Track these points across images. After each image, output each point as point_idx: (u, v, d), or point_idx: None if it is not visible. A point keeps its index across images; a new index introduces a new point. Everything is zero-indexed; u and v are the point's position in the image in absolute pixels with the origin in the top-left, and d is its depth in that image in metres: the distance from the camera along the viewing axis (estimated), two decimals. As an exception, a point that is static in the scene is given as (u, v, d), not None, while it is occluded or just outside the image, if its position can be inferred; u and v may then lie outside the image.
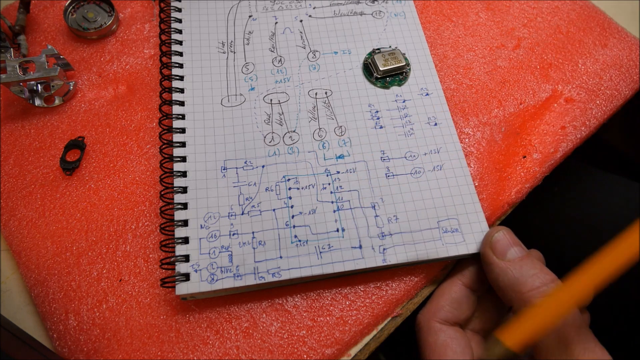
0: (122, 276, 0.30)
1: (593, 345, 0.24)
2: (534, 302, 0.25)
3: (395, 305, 0.30)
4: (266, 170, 0.32)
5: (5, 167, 0.33)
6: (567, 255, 0.40)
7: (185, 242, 0.29)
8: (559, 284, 0.25)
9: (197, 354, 0.28)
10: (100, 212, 0.32)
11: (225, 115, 0.34)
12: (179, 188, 0.31)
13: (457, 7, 0.41)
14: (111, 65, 0.37)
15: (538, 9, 0.41)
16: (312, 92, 0.36)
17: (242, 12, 0.39)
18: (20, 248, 0.31)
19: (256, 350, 0.28)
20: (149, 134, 0.35)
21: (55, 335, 0.29)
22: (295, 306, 0.29)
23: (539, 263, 0.26)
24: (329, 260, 0.29)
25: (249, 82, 0.36)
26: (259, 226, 0.30)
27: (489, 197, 0.33)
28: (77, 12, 0.39)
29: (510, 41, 0.40)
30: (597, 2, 0.42)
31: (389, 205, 0.31)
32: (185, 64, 0.36)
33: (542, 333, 0.23)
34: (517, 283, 0.26)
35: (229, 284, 0.28)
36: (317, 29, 0.39)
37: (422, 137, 0.34)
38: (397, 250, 0.30)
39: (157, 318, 0.29)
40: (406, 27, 0.39)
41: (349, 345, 0.29)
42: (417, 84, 0.36)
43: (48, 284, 0.30)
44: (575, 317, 0.24)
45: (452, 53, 0.39)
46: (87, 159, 0.34)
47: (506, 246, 0.27)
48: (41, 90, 0.36)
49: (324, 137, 0.34)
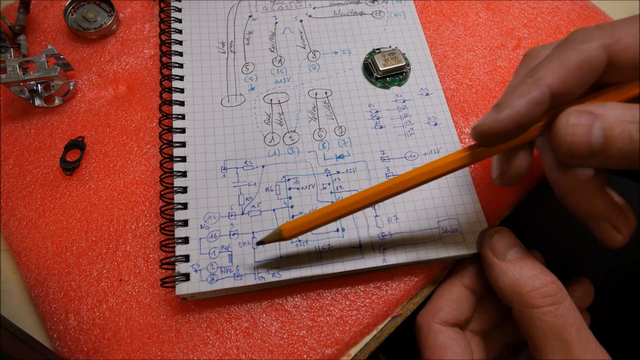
0: (122, 276, 0.30)
1: (593, 346, 0.24)
2: (535, 303, 0.25)
3: (395, 305, 0.30)
4: (266, 170, 0.32)
5: (5, 167, 0.33)
6: (567, 255, 0.40)
7: (185, 242, 0.29)
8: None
9: (197, 354, 0.28)
10: (100, 212, 0.32)
11: (225, 115, 0.34)
12: (179, 188, 0.31)
13: (457, 7, 0.41)
14: (111, 65, 0.37)
15: (538, 9, 0.41)
16: (312, 92, 0.36)
17: (242, 12, 0.39)
18: (20, 248, 0.31)
19: (256, 350, 0.28)
20: (149, 134, 0.35)
21: (55, 335, 0.29)
22: (295, 306, 0.29)
23: (539, 264, 0.26)
24: (329, 260, 0.29)
25: (249, 82, 0.36)
26: (259, 226, 0.30)
27: (489, 197, 0.33)
28: (77, 12, 0.39)
29: (510, 41, 0.40)
30: (597, 2, 0.42)
31: (388, 205, 0.31)
32: (185, 64, 0.36)
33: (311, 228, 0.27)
34: (517, 284, 0.26)
35: (229, 284, 0.28)
36: (317, 29, 0.39)
37: (422, 137, 0.34)
38: (397, 250, 0.30)
39: (157, 318, 0.29)
40: (406, 27, 0.39)
41: (349, 345, 0.29)
42: (417, 84, 0.36)
43: (48, 284, 0.30)
44: (575, 318, 0.24)
45: (452, 53, 0.39)
46: (87, 159, 0.34)
47: (506, 247, 0.27)
48: (41, 90, 0.36)
49: (324, 137, 0.34)
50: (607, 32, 0.23)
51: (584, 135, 0.22)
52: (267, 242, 0.27)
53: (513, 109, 0.22)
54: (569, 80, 0.22)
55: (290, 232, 0.26)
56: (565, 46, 0.23)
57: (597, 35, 0.23)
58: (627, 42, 0.23)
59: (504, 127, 0.22)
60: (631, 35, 0.23)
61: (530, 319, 0.25)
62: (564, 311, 0.24)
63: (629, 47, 0.22)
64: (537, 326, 0.24)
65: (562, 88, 0.22)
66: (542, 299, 0.25)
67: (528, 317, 0.25)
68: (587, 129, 0.22)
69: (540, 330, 0.24)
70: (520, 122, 0.22)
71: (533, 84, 0.22)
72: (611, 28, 0.23)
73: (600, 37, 0.23)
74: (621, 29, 0.23)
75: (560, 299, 0.25)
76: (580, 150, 0.22)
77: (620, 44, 0.23)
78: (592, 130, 0.22)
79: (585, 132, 0.22)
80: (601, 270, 0.39)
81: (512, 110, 0.22)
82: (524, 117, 0.22)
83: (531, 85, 0.22)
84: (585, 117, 0.22)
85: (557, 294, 0.25)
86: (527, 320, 0.25)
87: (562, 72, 0.22)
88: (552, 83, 0.22)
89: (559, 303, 0.24)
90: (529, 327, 0.25)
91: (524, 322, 0.25)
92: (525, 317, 0.25)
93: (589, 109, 0.22)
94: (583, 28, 0.24)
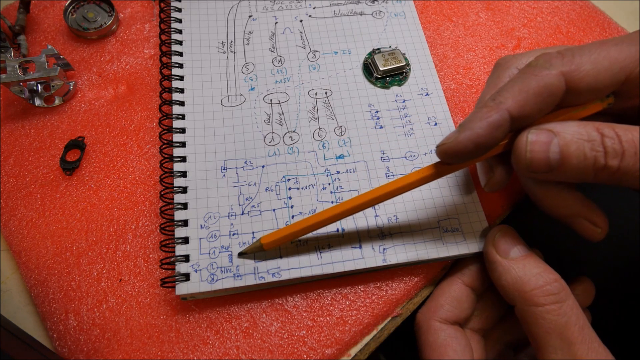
0: (122, 276, 0.30)
1: (596, 345, 0.24)
2: (538, 302, 0.25)
3: (395, 305, 0.30)
4: (266, 170, 0.32)
5: (5, 167, 0.33)
6: (567, 255, 0.40)
7: (185, 242, 0.29)
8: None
9: (197, 354, 0.28)
10: (100, 212, 0.32)
11: (225, 115, 0.34)
12: (179, 188, 0.31)
13: (457, 7, 0.41)
14: (111, 65, 0.37)
15: (538, 9, 0.41)
16: (312, 92, 0.36)
17: (242, 12, 0.39)
18: (20, 248, 0.31)
19: (256, 350, 0.28)
20: (149, 134, 0.35)
21: (55, 335, 0.29)
22: (295, 306, 0.29)
23: (543, 262, 0.26)
24: (329, 260, 0.29)
25: (249, 82, 0.36)
26: (259, 226, 0.30)
27: (489, 197, 0.33)
28: (77, 12, 0.39)
29: (510, 41, 0.40)
30: (597, 2, 0.42)
31: (389, 205, 0.31)
32: (185, 64, 0.36)
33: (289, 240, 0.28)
34: (520, 282, 0.25)
35: (229, 284, 0.28)
36: (317, 29, 0.39)
37: (422, 137, 0.34)
38: (397, 250, 0.30)
39: (157, 318, 0.29)
40: (406, 27, 0.39)
41: (349, 345, 0.29)
42: (417, 84, 0.36)
43: (48, 284, 0.30)
44: (578, 317, 0.24)
45: (452, 53, 0.39)
46: (87, 159, 0.34)
47: (509, 245, 0.27)
48: (41, 90, 0.36)
49: (324, 137, 0.34)
50: (567, 59, 0.24)
51: (542, 152, 0.23)
52: (248, 252, 0.29)
53: (473, 130, 0.24)
54: (528, 105, 0.24)
55: (269, 246, 0.28)
56: (527, 71, 0.24)
57: (557, 62, 0.24)
58: (586, 70, 0.24)
59: (464, 147, 0.24)
60: (590, 62, 0.24)
61: (533, 317, 0.25)
62: (567, 310, 0.24)
63: (588, 73, 0.24)
64: (539, 324, 0.24)
65: (521, 112, 0.24)
66: (545, 297, 0.25)
67: (531, 315, 0.25)
68: (545, 146, 0.23)
69: (543, 329, 0.24)
70: (479, 144, 0.24)
71: (494, 107, 0.24)
72: (571, 55, 0.24)
73: (560, 64, 0.24)
74: (581, 56, 0.24)
75: (564, 297, 0.25)
76: (538, 166, 0.23)
77: (579, 72, 0.24)
78: (550, 148, 0.23)
79: (544, 149, 0.23)
80: (601, 269, 0.39)
81: (472, 132, 0.24)
82: (482, 139, 0.24)
83: (492, 108, 0.24)
84: (544, 135, 0.23)
85: (560, 292, 0.25)
86: (530, 319, 0.25)
87: (522, 97, 0.23)
88: (512, 107, 0.23)
89: (562, 301, 0.24)
90: (532, 326, 0.25)
91: (526, 321, 0.25)
92: (528, 316, 0.25)
93: (548, 127, 0.24)
94: (546, 53, 0.25)
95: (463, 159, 0.25)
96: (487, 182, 0.29)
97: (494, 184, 0.28)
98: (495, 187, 0.29)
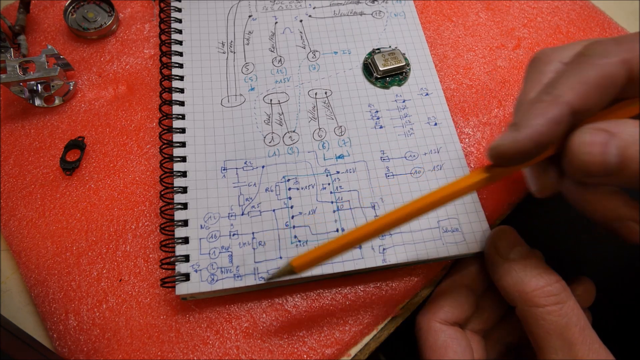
0: (122, 276, 0.30)
1: (597, 346, 0.24)
2: (538, 302, 0.25)
3: (395, 305, 0.30)
4: (266, 171, 0.32)
5: (5, 167, 0.33)
6: (568, 255, 0.40)
7: (185, 242, 0.29)
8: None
9: (197, 354, 0.28)
10: (100, 212, 0.32)
11: (225, 115, 0.34)
12: (179, 188, 0.31)
13: (457, 7, 0.41)
14: (111, 65, 0.37)
15: (538, 9, 0.41)
16: (312, 92, 0.36)
17: (242, 12, 0.39)
18: (20, 248, 0.31)
19: (256, 350, 0.28)
20: (149, 134, 0.35)
21: (55, 335, 0.29)
22: (295, 306, 0.29)
23: (543, 263, 0.26)
24: (329, 260, 0.29)
25: (249, 82, 0.36)
26: (259, 226, 0.30)
27: (489, 197, 0.33)
28: (77, 12, 0.39)
29: (510, 41, 0.40)
30: (597, 2, 0.42)
31: (388, 205, 0.31)
32: (185, 64, 0.36)
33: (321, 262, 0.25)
34: (520, 282, 0.25)
35: (229, 284, 0.28)
36: (317, 29, 0.39)
37: (422, 137, 0.34)
38: (397, 250, 0.30)
39: (157, 318, 0.29)
40: (406, 27, 0.39)
41: (349, 345, 0.29)
42: (417, 84, 0.36)
43: (48, 284, 0.30)
44: (579, 317, 0.24)
45: (452, 53, 0.39)
46: (87, 159, 0.34)
47: (510, 246, 0.27)
48: (41, 90, 0.36)
49: (324, 137, 0.34)
50: (625, 46, 0.22)
51: (599, 154, 0.21)
52: (278, 276, 0.26)
53: (533, 128, 0.21)
54: (590, 97, 0.21)
55: (301, 268, 0.25)
56: (583, 61, 0.22)
57: (615, 49, 0.22)
58: None
59: (524, 147, 0.22)
60: None
61: (534, 318, 0.25)
62: (567, 310, 0.24)
63: None
64: (540, 325, 0.24)
65: (582, 105, 0.21)
66: (546, 298, 0.24)
67: (531, 316, 0.25)
68: (602, 147, 0.21)
69: (544, 330, 0.24)
70: (541, 142, 0.21)
71: (552, 102, 0.22)
72: (628, 41, 0.22)
73: (618, 51, 0.22)
74: (638, 42, 0.22)
75: (564, 298, 0.24)
76: (595, 169, 0.21)
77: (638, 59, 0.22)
78: (607, 149, 0.21)
79: (601, 150, 0.21)
80: (601, 270, 0.39)
81: (532, 129, 0.21)
82: (544, 137, 0.21)
83: (550, 103, 0.22)
84: (600, 136, 0.21)
85: (561, 293, 0.25)
86: (531, 320, 0.25)
87: (583, 88, 0.21)
88: (573, 100, 0.21)
89: (562, 302, 0.24)
90: (532, 327, 0.25)
91: (527, 322, 0.25)
92: (529, 316, 0.25)
93: (604, 127, 0.21)
94: (598, 41, 0.23)
95: (522, 160, 0.22)
96: (541, 187, 0.26)
97: (547, 189, 0.26)
98: (549, 192, 0.26)
